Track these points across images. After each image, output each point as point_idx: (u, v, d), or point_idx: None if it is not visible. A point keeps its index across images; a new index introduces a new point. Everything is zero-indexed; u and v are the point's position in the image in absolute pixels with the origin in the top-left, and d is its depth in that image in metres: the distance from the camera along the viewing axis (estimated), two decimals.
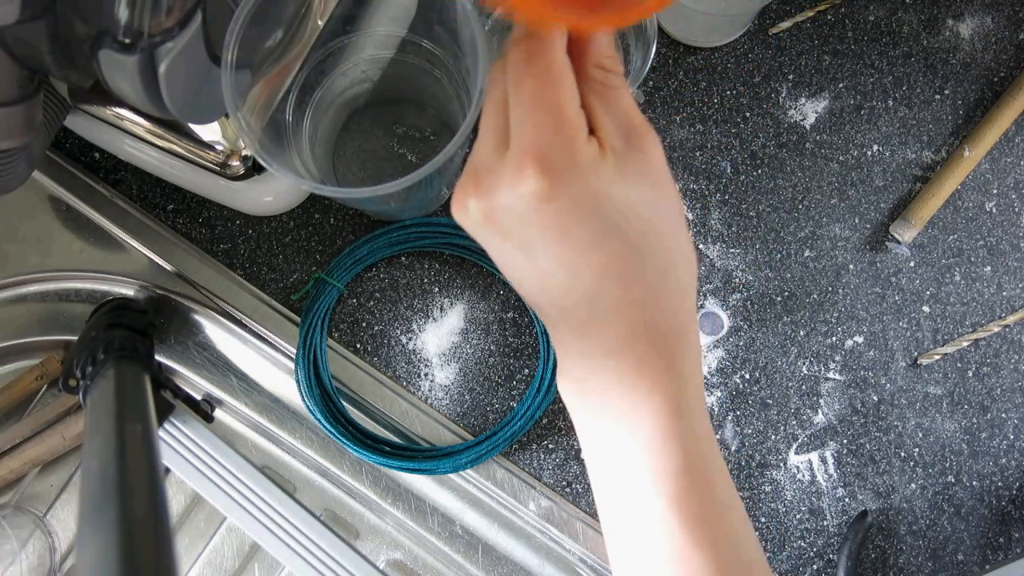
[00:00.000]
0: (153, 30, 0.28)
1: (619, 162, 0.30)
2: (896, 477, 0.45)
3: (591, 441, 0.32)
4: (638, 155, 0.31)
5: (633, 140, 0.31)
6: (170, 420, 0.47)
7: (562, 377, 0.32)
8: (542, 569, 0.46)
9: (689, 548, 0.29)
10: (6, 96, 0.31)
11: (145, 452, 0.31)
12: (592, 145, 0.30)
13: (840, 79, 0.48)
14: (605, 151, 0.31)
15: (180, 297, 0.47)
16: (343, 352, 0.46)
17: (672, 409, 0.29)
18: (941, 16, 0.49)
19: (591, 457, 0.32)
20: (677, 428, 0.29)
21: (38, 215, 0.47)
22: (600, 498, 0.32)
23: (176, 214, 0.47)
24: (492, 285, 0.46)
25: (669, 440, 0.29)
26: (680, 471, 0.29)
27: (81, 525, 0.27)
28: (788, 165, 0.47)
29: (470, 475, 0.45)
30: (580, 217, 0.29)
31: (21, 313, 0.48)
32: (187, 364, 0.48)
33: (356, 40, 0.41)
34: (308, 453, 0.47)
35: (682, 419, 0.29)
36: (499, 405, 0.45)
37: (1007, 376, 0.46)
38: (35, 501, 0.49)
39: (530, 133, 0.29)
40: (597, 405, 0.31)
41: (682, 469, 0.29)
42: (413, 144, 0.47)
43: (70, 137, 0.48)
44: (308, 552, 0.46)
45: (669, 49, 0.48)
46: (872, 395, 0.46)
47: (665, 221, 0.31)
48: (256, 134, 0.33)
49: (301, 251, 0.47)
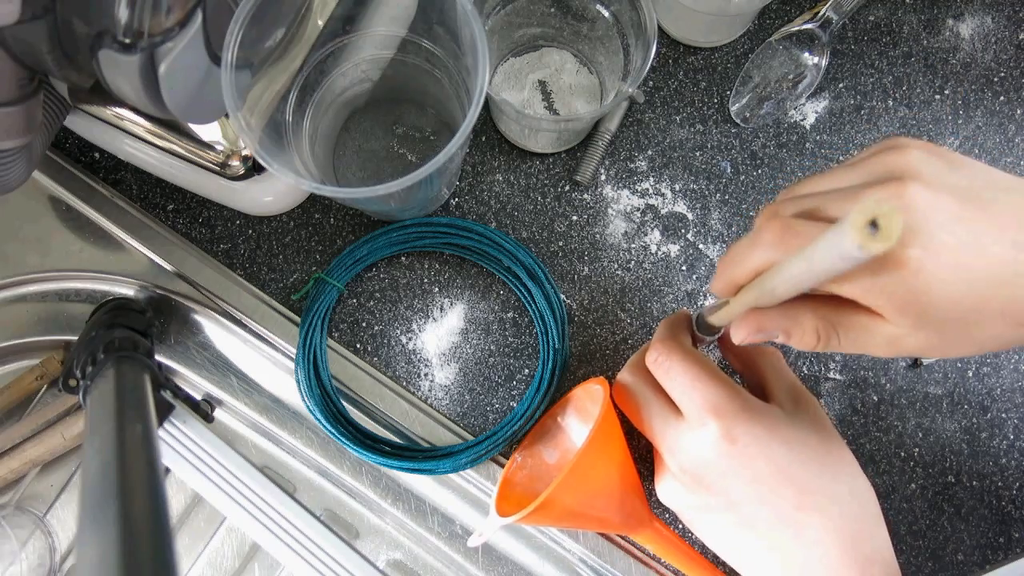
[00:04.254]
0: (153, 30, 0.28)
1: (789, 415, 0.35)
2: (896, 477, 0.45)
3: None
4: (805, 412, 0.36)
5: (801, 403, 0.36)
6: (170, 420, 0.47)
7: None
8: (542, 569, 0.46)
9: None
10: (6, 96, 0.31)
11: (145, 452, 0.31)
12: (757, 399, 0.35)
13: (840, 79, 0.48)
14: (774, 405, 0.36)
15: (180, 297, 0.47)
16: (343, 352, 0.46)
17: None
18: (941, 16, 0.49)
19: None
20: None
21: (38, 215, 0.47)
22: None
23: (176, 214, 0.47)
24: (492, 285, 0.46)
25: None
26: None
27: (81, 525, 0.27)
28: (788, 165, 0.47)
29: (470, 475, 0.45)
30: (764, 452, 0.34)
31: (21, 313, 0.48)
32: (187, 364, 0.48)
33: (356, 40, 0.41)
34: (308, 453, 0.47)
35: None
36: (499, 405, 0.45)
37: (1007, 376, 0.46)
38: (35, 501, 0.49)
39: (698, 395, 0.35)
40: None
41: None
42: (413, 144, 0.47)
43: (70, 137, 0.48)
44: (308, 552, 0.46)
45: (669, 49, 0.48)
46: (872, 395, 0.46)
47: (842, 461, 0.35)
48: (256, 134, 0.33)
49: (301, 251, 0.47)
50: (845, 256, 0.21)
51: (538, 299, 0.44)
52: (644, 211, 0.47)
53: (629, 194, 0.47)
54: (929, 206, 0.25)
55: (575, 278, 0.46)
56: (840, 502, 0.34)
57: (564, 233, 0.47)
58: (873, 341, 0.26)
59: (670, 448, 0.36)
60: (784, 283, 0.26)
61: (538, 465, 0.43)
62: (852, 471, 0.35)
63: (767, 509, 0.34)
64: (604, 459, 0.37)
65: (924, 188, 0.25)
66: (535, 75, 0.47)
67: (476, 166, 0.47)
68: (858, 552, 0.33)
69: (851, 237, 0.20)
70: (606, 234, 0.46)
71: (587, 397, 0.42)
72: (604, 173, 0.47)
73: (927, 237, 0.24)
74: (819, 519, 0.33)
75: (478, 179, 0.47)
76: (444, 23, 0.37)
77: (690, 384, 0.35)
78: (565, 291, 0.46)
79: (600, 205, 0.47)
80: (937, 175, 0.25)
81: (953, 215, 0.25)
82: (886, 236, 0.19)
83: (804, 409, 0.36)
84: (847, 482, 0.35)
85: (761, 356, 0.38)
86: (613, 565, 0.44)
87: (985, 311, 0.25)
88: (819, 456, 0.34)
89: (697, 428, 0.35)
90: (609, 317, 0.46)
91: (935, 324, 0.25)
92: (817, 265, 0.23)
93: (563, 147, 0.47)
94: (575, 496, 0.36)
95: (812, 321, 0.27)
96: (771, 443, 0.34)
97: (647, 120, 0.48)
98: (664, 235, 0.46)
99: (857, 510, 0.34)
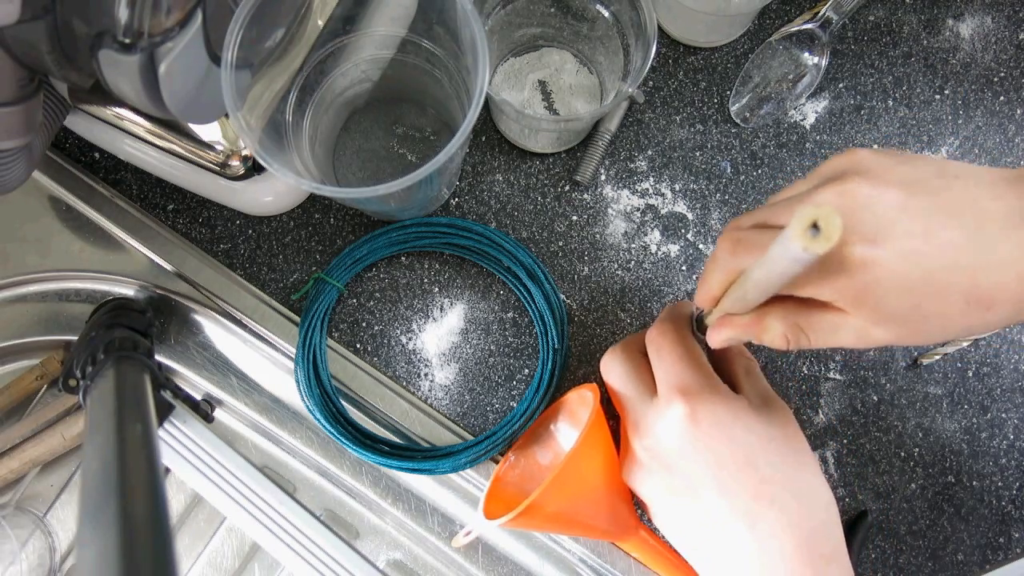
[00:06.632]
0: (153, 30, 0.28)
1: (756, 409, 0.36)
2: (896, 477, 0.45)
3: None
4: (772, 412, 0.36)
5: (769, 402, 0.37)
6: (170, 420, 0.47)
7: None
8: (542, 569, 0.46)
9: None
10: (6, 96, 0.31)
11: (145, 452, 0.31)
12: (728, 388, 0.36)
13: (840, 79, 0.48)
14: (742, 395, 0.36)
15: (180, 297, 0.47)
16: (343, 352, 0.46)
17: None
18: (941, 16, 0.49)
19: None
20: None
21: (38, 215, 0.47)
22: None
23: (176, 214, 0.47)
24: (492, 285, 0.46)
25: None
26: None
27: (81, 525, 0.27)
28: (788, 165, 0.47)
29: (470, 475, 0.45)
30: (726, 436, 0.34)
31: (21, 313, 0.48)
32: (187, 364, 0.48)
33: (356, 40, 0.41)
34: (308, 453, 0.47)
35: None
36: (499, 405, 0.45)
37: (1007, 376, 0.46)
38: (35, 501, 0.49)
39: (672, 376, 0.35)
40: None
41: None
42: (413, 144, 0.47)
43: (70, 137, 0.48)
44: (308, 552, 0.46)
45: (669, 49, 0.48)
46: (872, 395, 0.46)
47: (804, 461, 0.35)
48: (256, 134, 0.33)
49: (301, 251, 0.47)
50: (795, 259, 0.22)
51: (538, 299, 0.44)
52: (644, 211, 0.47)
53: (629, 194, 0.47)
54: (872, 200, 0.25)
55: (575, 278, 0.46)
56: (799, 497, 0.34)
57: (564, 233, 0.47)
58: (842, 336, 0.27)
59: (636, 425, 0.37)
60: (752, 290, 0.27)
61: (531, 465, 0.43)
62: (814, 471, 0.35)
63: (726, 500, 0.34)
64: (591, 466, 0.37)
65: (866, 183, 0.26)
66: (535, 75, 0.47)
67: (476, 166, 0.47)
68: (814, 551, 0.33)
69: (795, 241, 0.21)
70: (606, 234, 0.46)
71: (580, 402, 0.42)
72: (604, 173, 0.47)
73: (873, 231, 0.25)
74: (776, 513, 0.33)
75: (478, 179, 0.47)
76: (444, 23, 0.37)
77: (670, 363, 0.36)
78: (565, 291, 0.46)
79: (600, 205, 0.47)
80: (882, 170, 0.26)
81: (898, 205, 0.25)
82: (827, 236, 0.20)
83: (772, 408, 0.36)
84: (807, 480, 0.34)
85: (736, 359, 0.39)
86: (613, 565, 0.44)
87: (947, 297, 0.25)
88: (781, 449, 0.34)
89: (663, 407, 0.35)
90: (609, 317, 0.46)
91: (895, 314, 0.26)
92: (775, 270, 0.24)
93: (563, 147, 0.47)
94: (561, 502, 0.36)
95: (780, 325, 0.29)
96: (734, 427, 0.34)
97: (647, 120, 0.48)
98: (664, 235, 0.46)
99: (816, 509, 0.34)
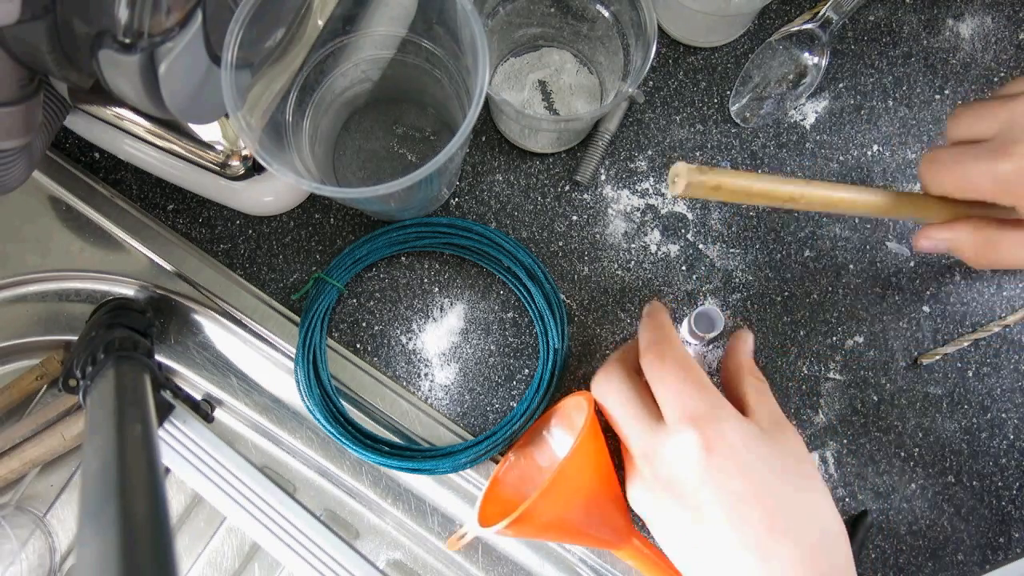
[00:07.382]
0: (153, 30, 0.28)
1: (765, 434, 0.35)
2: (896, 477, 0.45)
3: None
4: (782, 436, 0.35)
5: (779, 426, 0.36)
6: (170, 420, 0.47)
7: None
8: (542, 569, 0.46)
9: None
10: (6, 96, 0.31)
11: (145, 452, 0.31)
12: (740, 413, 0.35)
13: (840, 79, 0.48)
14: (752, 420, 0.35)
15: (180, 297, 0.47)
16: (343, 352, 0.46)
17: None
18: (941, 16, 0.49)
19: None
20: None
21: (38, 215, 0.47)
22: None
23: (176, 214, 0.47)
24: (492, 285, 0.46)
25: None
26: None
27: (81, 525, 0.27)
28: (788, 165, 0.47)
29: (470, 475, 0.45)
30: (741, 468, 0.33)
31: (21, 313, 0.48)
32: (187, 364, 0.48)
33: (356, 40, 0.41)
34: (308, 453, 0.47)
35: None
36: (499, 405, 0.45)
37: (1007, 376, 0.46)
38: (35, 501, 0.49)
39: (679, 403, 0.34)
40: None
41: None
42: (413, 144, 0.47)
43: (70, 137, 0.48)
44: (308, 552, 0.46)
45: (669, 49, 0.48)
46: (872, 395, 0.46)
47: (816, 489, 0.34)
48: (256, 134, 0.33)
49: (301, 251, 0.47)
50: None
51: (538, 299, 0.44)
52: (644, 211, 0.47)
53: (629, 194, 0.47)
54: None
55: (575, 278, 0.46)
56: (813, 528, 0.33)
57: (564, 233, 0.47)
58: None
59: (645, 453, 0.35)
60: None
61: (529, 467, 0.43)
62: (827, 502, 0.34)
63: (737, 533, 0.33)
64: (584, 476, 0.36)
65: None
66: (535, 75, 0.47)
67: (476, 166, 0.47)
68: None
69: None
70: (606, 234, 0.46)
71: (575, 409, 0.42)
72: (604, 173, 0.47)
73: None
74: (790, 547, 0.32)
75: (478, 179, 0.47)
76: (444, 23, 0.37)
77: (677, 389, 0.35)
78: (565, 291, 0.46)
79: (600, 205, 0.47)
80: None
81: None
82: None
83: (782, 431, 0.35)
84: (820, 509, 0.34)
85: (747, 379, 0.38)
86: (613, 566, 0.44)
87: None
88: (794, 479, 0.33)
89: (675, 435, 0.34)
90: (609, 317, 0.46)
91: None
92: None
93: (563, 147, 0.47)
94: (554, 510, 0.35)
95: (970, 237, 0.34)
96: (747, 456, 0.33)
97: (647, 120, 0.48)
98: (664, 235, 0.46)
99: (829, 542, 0.33)
